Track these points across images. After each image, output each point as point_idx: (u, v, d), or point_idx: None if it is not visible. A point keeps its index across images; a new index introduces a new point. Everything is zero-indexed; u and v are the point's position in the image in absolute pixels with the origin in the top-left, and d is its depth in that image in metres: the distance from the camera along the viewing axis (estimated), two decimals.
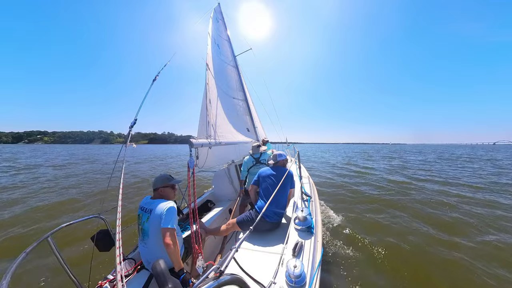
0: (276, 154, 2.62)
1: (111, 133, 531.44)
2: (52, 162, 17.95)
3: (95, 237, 1.63)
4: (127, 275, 1.66)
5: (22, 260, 1.04)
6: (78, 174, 11.00)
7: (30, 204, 5.73)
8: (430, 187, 7.67)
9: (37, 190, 7.36)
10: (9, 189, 7.54)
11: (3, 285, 0.83)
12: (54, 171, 12.18)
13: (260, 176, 2.48)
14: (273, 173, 2.42)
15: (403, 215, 4.86)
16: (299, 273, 1.28)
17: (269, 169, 2.50)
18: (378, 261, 3.09)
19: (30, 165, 15.16)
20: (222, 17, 5.35)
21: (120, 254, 0.88)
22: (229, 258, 0.80)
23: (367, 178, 9.73)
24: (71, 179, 9.60)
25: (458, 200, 5.98)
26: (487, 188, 7.48)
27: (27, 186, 8.03)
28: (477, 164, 15.51)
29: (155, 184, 1.81)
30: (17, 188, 7.64)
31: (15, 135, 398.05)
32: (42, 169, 12.90)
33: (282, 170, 2.44)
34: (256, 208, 2.29)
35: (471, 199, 6.07)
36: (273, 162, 2.61)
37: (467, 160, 19.11)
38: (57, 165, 15.58)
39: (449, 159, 20.24)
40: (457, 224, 4.34)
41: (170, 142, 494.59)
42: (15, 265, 0.99)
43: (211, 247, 2.68)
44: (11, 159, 20.52)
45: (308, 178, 3.85)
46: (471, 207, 5.34)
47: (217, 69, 4.02)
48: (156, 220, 1.59)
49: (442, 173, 11.24)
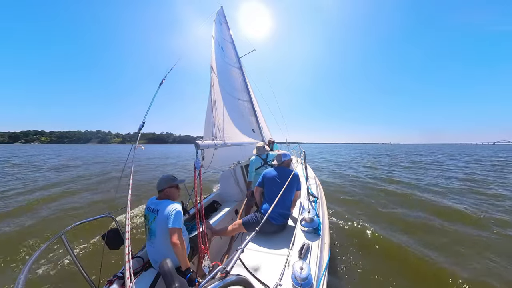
0: (281, 154, 2.54)
1: (108, 133, 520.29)
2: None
3: (105, 235, 1.69)
4: (135, 273, 1.70)
5: (39, 255, 1.10)
6: (88, 176, 11.29)
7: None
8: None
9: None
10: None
11: (21, 278, 0.88)
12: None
13: (265, 177, 2.44)
14: (277, 174, 2.36)
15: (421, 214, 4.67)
16: (306, 275, 1.27)
17: (273, 170, 2.44)
18: (392, 267, 2.97)
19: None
20: (225, 19, 5.41)
21: (129, 253, 0.91)
22: (235, 259, 0.80)
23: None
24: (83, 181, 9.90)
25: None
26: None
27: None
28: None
29: (160, 186, 1.84)
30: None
31: (11, 135, 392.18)
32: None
33: (286, 171, 2.39)
34: (261, 210, 2.27)
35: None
36: (277, 163, 2.54)
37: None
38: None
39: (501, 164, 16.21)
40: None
41: (168, 142, 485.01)
42: (32, 259, 1.04)
43: (217, 247, 2.69)
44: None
45: (314, 179, 3.80)
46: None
47: (221, 71, 4.07)
48: (163, 220, 1.62)
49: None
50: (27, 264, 1.00)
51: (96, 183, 9.29)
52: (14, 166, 14.76)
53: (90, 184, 9.16)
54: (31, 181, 9.43)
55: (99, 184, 9.17)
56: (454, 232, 3.99)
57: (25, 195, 7.03)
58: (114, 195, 6.91)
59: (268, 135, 5.62)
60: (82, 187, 8.45)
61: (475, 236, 3.82)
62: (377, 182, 8.90)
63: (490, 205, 5.58)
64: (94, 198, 6.78)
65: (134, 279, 1.23)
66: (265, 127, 5.65)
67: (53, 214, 5.31)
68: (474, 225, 4.29)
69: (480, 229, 4.08)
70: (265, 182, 2.42)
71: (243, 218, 2.29)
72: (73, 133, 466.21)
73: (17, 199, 6.57)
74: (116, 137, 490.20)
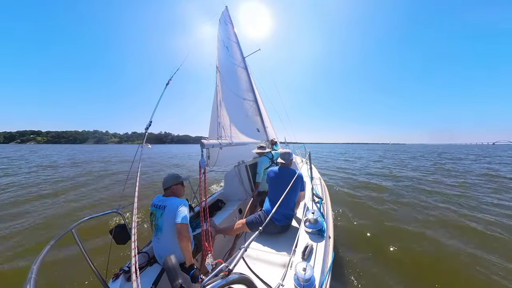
0: (287, 152, 2.50)
1: (106, 133, 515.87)
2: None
3: (113, 230, 1.74)
4: (141, 267, 1.74)
5: (50, 248, 1.14)
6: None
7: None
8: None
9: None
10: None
11: (34, 269, 0.92)
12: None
13: (268, 177, 2.41)
14: (280, 174, 2.33)
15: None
16: (308, 277, 1.26)
17: (275, 170, 2.40)
18: (398, 271, 2.89)
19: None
20: (230, 19, 5.43)
21: (136, 248, 0.93)
22: (238, 258, 0.81)
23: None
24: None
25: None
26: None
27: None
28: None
29: (166, 183, 1.89)
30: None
31: (7, 135, 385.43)
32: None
33: (290, 171, 2.34)
34: (264, 210, 2.27)
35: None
36: (285, 162, 2.48)
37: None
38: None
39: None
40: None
41: (166, 142, 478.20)
42: (44, 252, 1.09)
43: (220, 246, 2.72)
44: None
45: (319, 180, 3.77)
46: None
47: (227, 71, 4.09)
48: (170, 216, 1.66)
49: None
50: (40, 255, 1.04)
51: (104, 181, 9.57)
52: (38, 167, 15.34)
53: (98, 181, 9.45)
54: (53, 179, 9.83)
55: (106, 181, 9.45)
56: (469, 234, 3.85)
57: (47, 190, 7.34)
58: (122, 192, 7.10)
59: (273, 135, 5.61)
60: (90, 184, 8.74)
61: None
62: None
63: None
64: (102, 195, 6.99)
65: (139, 273, 1.26)
66: (270, 126, 5.64)
67: (62, 210, 5.53)
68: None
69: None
70: (268, 182, 2.41)
71: (247, 218, 2.29)
72: (70, 133, 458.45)
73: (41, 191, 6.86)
74: (113, 137, 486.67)
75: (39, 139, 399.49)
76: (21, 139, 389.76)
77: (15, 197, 6.51)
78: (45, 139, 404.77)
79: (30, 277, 0.87)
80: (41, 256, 1.03)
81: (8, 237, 3.92)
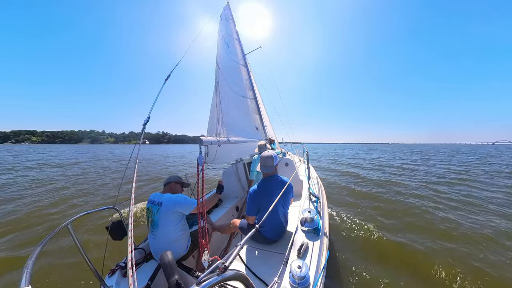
0: (265, 158, 1.95)
1: (102, 133, 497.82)
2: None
3: (109, 227, 1.73)
4: (137, 263, 1.74)
5: (45, 244, 1.14)
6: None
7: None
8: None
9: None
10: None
11: (29, 264, 0.92)
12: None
13: (254, 194, 1.92)
14: (262, 188, 1.91)
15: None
16: (303, 274, 1.28)
17: (255, 188, 1.93)
18: (393, 269, 2.91)
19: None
20: (231, 16, 5.37)
21: (132, 244, 0.93)
22: (234, 255, 0.82)
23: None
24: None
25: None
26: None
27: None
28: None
29: (168, 179, 1.95)
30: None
31: (1, 135, 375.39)
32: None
33: (273, 182, 1.94)
34: (256, 223, 1.99)
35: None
36: (264, 173, 2.00)
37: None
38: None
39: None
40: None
41: (163, 142, 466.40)
42: (39, 248, 1.08)
43: (217, 242, 2.73)
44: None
45: (316, 179, 3.78)
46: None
47: (227, 68, 4.06)
48: (168, 211, 1.68)
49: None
50: (35, 250, 1.04)
51: (101, 178, 9.51)
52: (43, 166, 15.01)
53: (95, 178, 9.38)
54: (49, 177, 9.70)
55: (104, 178, 9.39)
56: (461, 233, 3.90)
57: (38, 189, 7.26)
58: (118, 189, 7.07)
59: (272, 134, 5.61)
60: (89, 181, 8.67)
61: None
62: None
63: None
64: (99, 192, 6.96)
65: (135, 269, 1.26)
66: (269, 125, 5.63)
67: (58, 206, 5.49)
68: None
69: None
70: (255, 198, 1.92)
71: (240, 222, 2.19)
72: (65, 133, 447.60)
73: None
74: (109, 136, 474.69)
75: (34, 139, 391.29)
76: (16, 139, 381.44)
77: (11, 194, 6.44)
78: (40, 139, 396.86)
79: (25, 272, 0.87)
80: (36, 252, 1.03)
81: (2, 233, 3.90)
